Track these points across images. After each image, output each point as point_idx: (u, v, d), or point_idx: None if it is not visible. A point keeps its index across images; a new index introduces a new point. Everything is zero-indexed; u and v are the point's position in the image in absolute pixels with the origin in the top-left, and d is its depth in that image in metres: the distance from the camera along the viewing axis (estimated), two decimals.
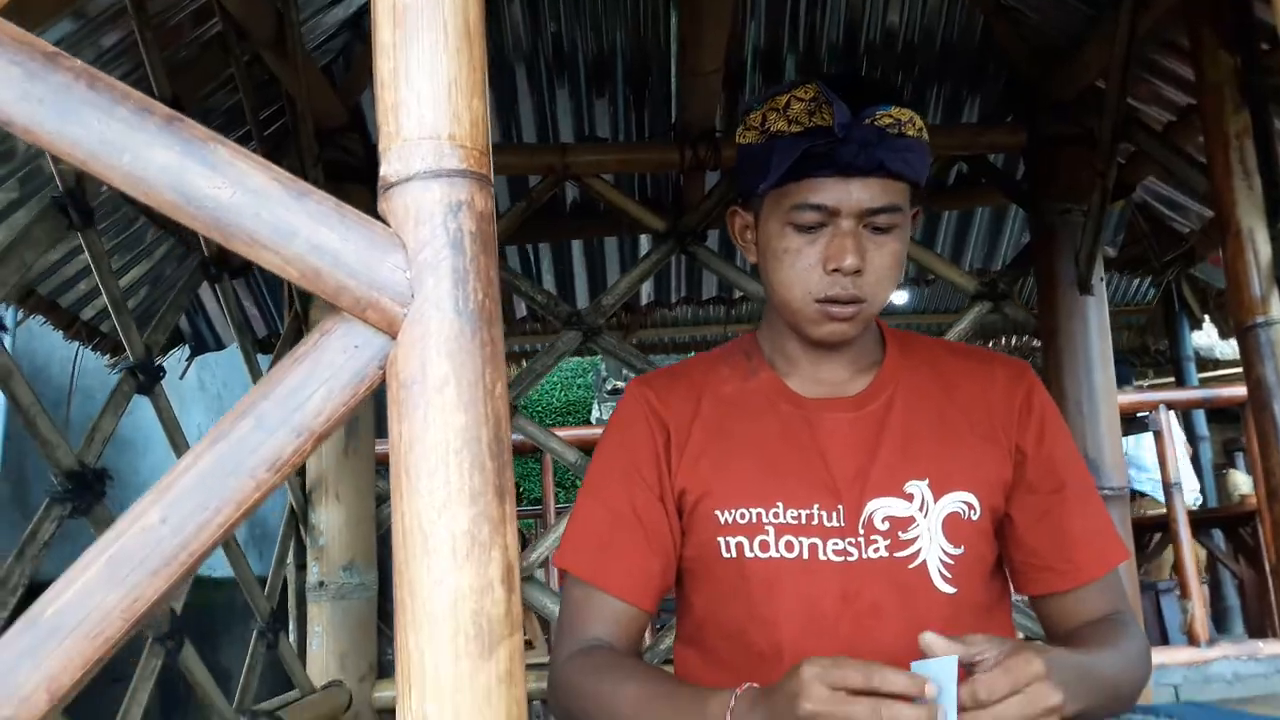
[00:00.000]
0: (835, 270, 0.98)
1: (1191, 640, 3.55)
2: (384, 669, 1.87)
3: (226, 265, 1.62)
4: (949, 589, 1.01)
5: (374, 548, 1.89)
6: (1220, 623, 4.84)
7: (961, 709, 0.77)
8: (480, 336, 0.51)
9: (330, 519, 1.82)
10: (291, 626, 1.85)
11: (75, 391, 2.63)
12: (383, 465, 1.96)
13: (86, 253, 1.16)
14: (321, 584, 1.81)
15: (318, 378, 0.50)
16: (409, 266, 0.51)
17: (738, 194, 1.12)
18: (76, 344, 2.09)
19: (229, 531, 0.49)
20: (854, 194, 0.98)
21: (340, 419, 0.50)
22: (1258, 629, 4.64)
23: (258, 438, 0.49)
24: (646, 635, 1.11)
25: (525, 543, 3.00)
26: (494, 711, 0.46)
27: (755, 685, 0.87)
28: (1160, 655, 3.53)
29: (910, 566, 1.01)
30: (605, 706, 0.95)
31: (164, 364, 1.38)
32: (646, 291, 3.26)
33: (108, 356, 2.29)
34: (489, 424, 0.50)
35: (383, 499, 1.93)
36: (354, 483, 1.86)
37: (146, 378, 1.27)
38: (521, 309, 3.21)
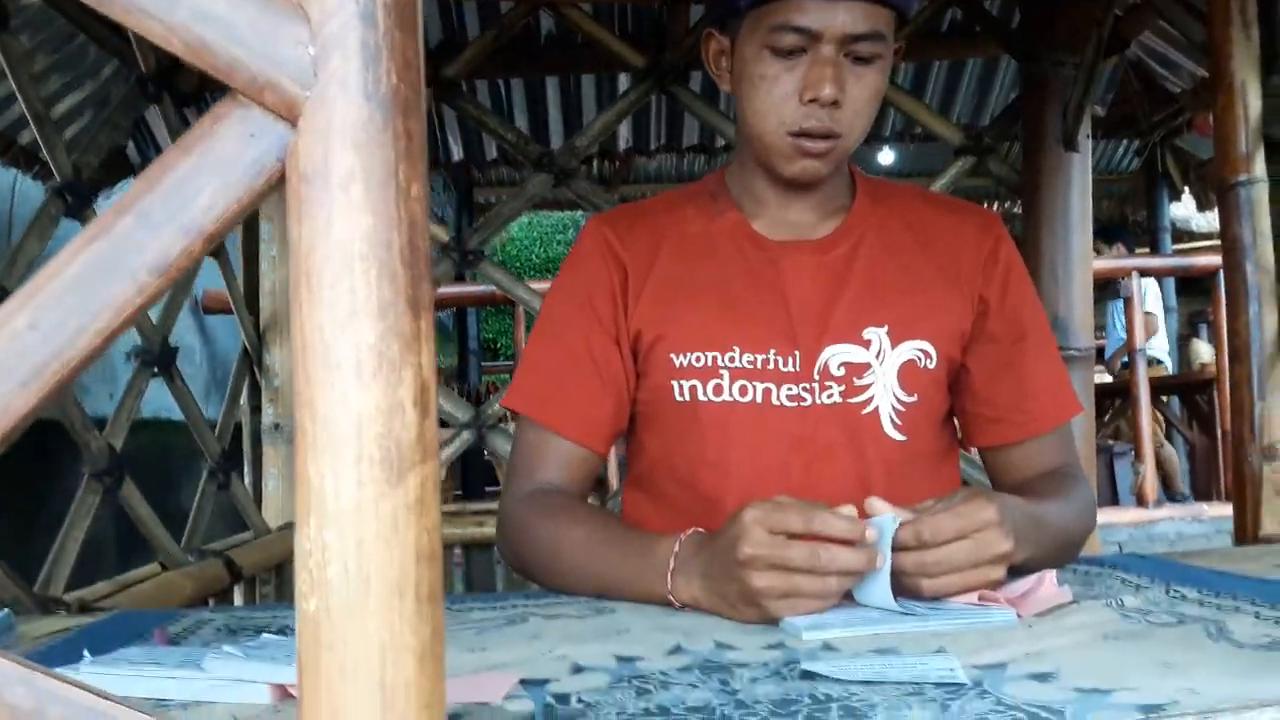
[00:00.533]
0: (812, 100, 0.92)
1: (1140, 501, 3.66)
2: None
3: (169, 85, 1.51)
4: (899, 436, 1.01)
5: None
6: (1169, 485, 5.00)
7: (906, 548, 0.75)
8: (394, 127, 0.45)
9: (285, 360, 1.77)
10: (247, 469, 1.83)
11: (13, 220, 2.53)
12: None
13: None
14: (277, 426, 1.78)
15: (209, 170, 0.44)
16: (312, 41, 0.44)
17: (715, 16, 1.04)
18: (14, 171, 1.99)
19: (108, 341, 0.44)
20: (838, 17, 0.91)
21: (234, 217, 0.44)
22: (1204, 493, 4.79)
23: (141, 236, 0.43)
24: (614, 481, 1.09)
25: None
26: (400, 541, 0.42)
27: (701, 530, 0.85)
28: (1109, 515, 3.64)
29: (863, 413, 1.00)
30: (553, 549, 0.94)
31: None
32: (625, 136, 3.15)
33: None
34: (401, 228, 0.44)
35: None
36: None
37: (76, 200, 1.19)
38: (492, 150, 3.10)
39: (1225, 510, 3.62)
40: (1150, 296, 5.29)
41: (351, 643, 0.42)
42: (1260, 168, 1.49)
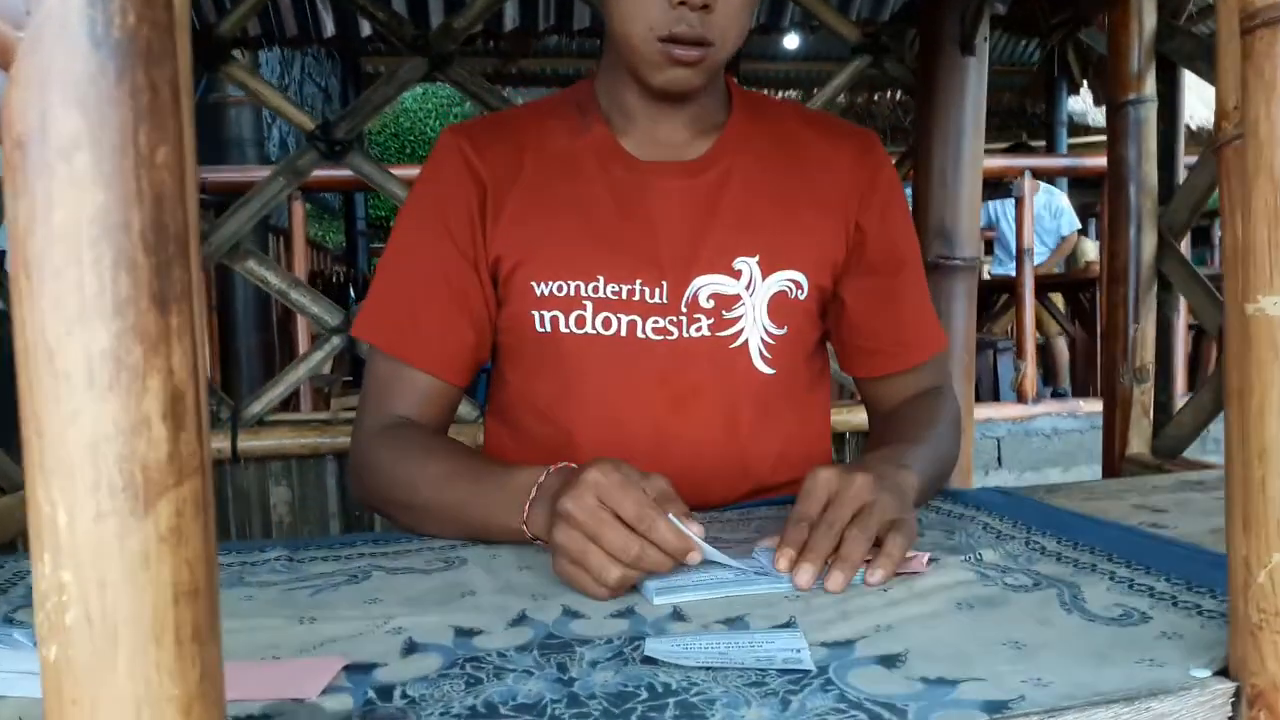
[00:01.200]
0: (682, 3, 0.84)
1: (1020, 397, 3.78)
2: None
3: None
4: (768, 370, 0.98)
5: None
6: (1047, 380, 5.19)
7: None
8: (132, 80, 0.37)
9: None
10: None
11: None
12: None
13: None
14: None
15: None
16: None
17: None
18: None
19: None
20: None
21: None
22: (1081, 388, 5.00)
23: None
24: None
25: None
26: (153, 579, 0.36)
27: (572, 466, 0.79)
28: (989, 410, 3.76)
29: (731, 346, 0.96)
30: (406, 486, 0.88)
31: None
32: (511, 17, 2.97)
33: None
34: (144, 204, 0.37)
35: None
36: None
37: None
38: (367, 27, 2.90)
39: (1099, 406, 3.78)
40: (1066, 218, 5.40)
41: (100, 698, 0.36)
42: (1151, 87, 1.47)
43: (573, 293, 0.93)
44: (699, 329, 0.95)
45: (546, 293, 0.94)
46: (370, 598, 0.71)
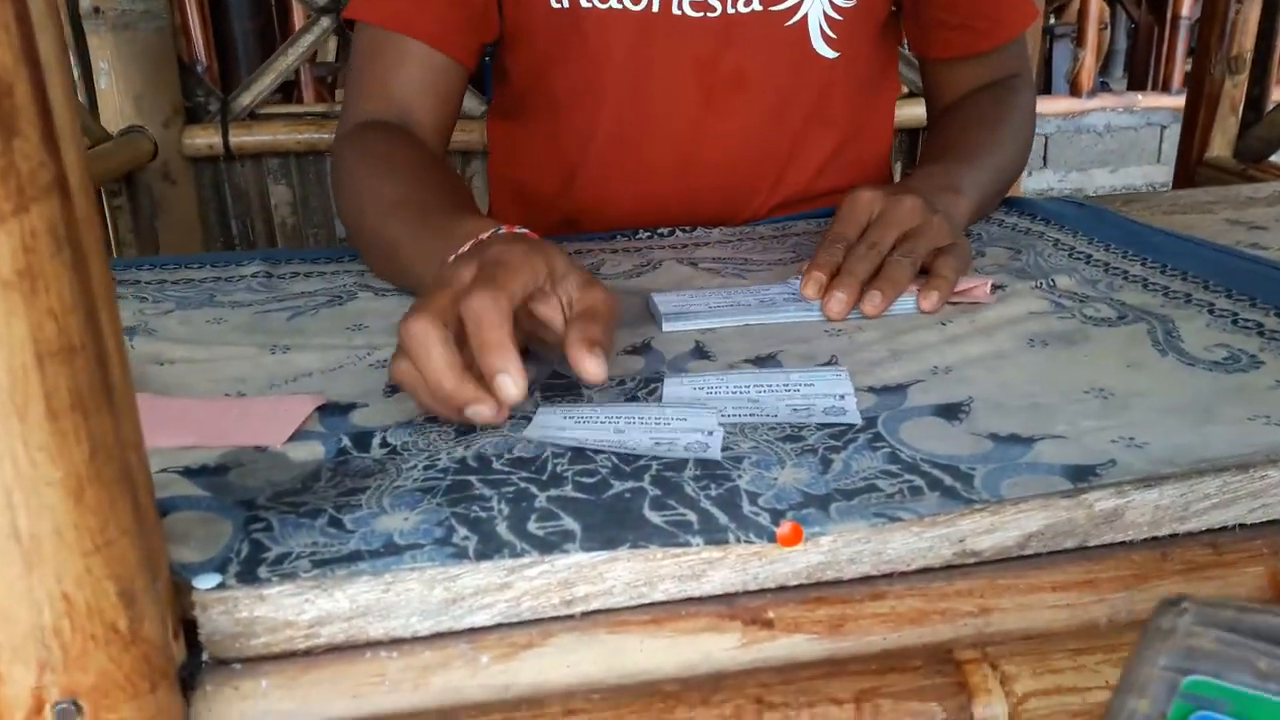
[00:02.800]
0: None
1: (1074, 89, 3.52)
2: (193, 113, 1.63)
3: None
4: (830, 52, 0.83)
5: None
6: (1103, 68, 4.84)
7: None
8: None
9: None
10: (73, 61, 1.56)
11: None
12: None
13: None
14: (96, 10, 1.49)
15: None
16: None
17: None
18: None
19: None
20: None
21: None
22: (1139, 80, 4.66)
23: None
24: None
25: None
26: (7, 336, 0.27)
27: (523, 231, 0.58)
28: (1039, 104, 3.51)
29: (787, 24, 0.81)
30: (358, 201, 0.73)
31: None
32: None
33: None
34: None
35: None
36: None
37: None
38: None
39: (1159, 101, 3.52)
40: None
41: None
42: None
43: None
44: (748, 3, 0.79)
45: None
46: (354, 323, 0.63)
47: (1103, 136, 3.45)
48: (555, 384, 0.53)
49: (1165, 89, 3.61)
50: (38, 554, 0.29)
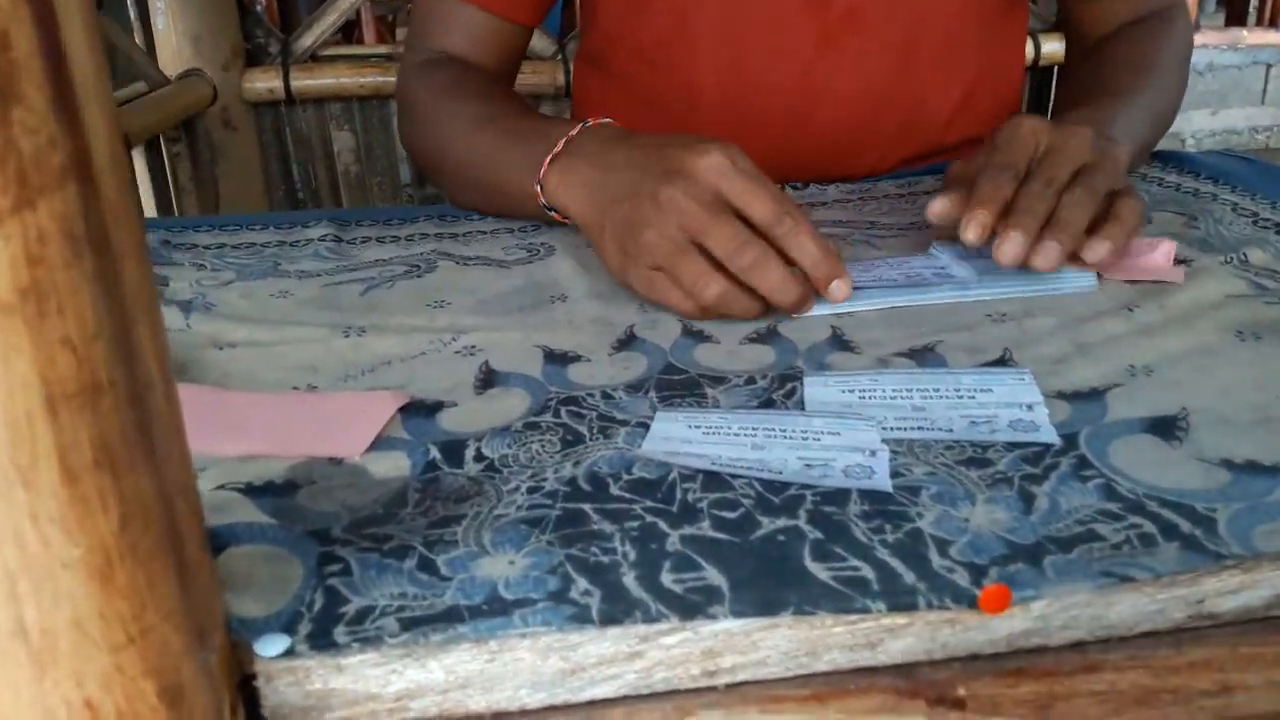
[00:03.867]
0: None
1: None
2: (253, 55, 1.56)
3: None
4: None
5: None
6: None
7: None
8: None
9: None
10: (130, 3, 1.49)
11: None
12: None
13: None
14: None
15: None
16: None
17: None
18: None
19: None
20: None
21: None
22: (1238, 15, 4.38)
23: None
24: None
25: None
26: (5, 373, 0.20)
27: (609, 123, 0.58)
28: None
29: None
30: (441, 125, 0.69)
31: None
32: None
33: None
34: None
35: None
36: None
37: None
38: None
39: (1265, 38, 3.29)
40: None
41: None
42: None
43: None
44: None
45: None
46: (435, 300, 0.56)
47: (1203, 75, 3.23)
48: (672, 380, 0.45)
49: (1273, 24, 3.38)
50: (51, 654, 0.22)
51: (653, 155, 0.51)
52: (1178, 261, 0.54)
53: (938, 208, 0.54)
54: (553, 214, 0.59)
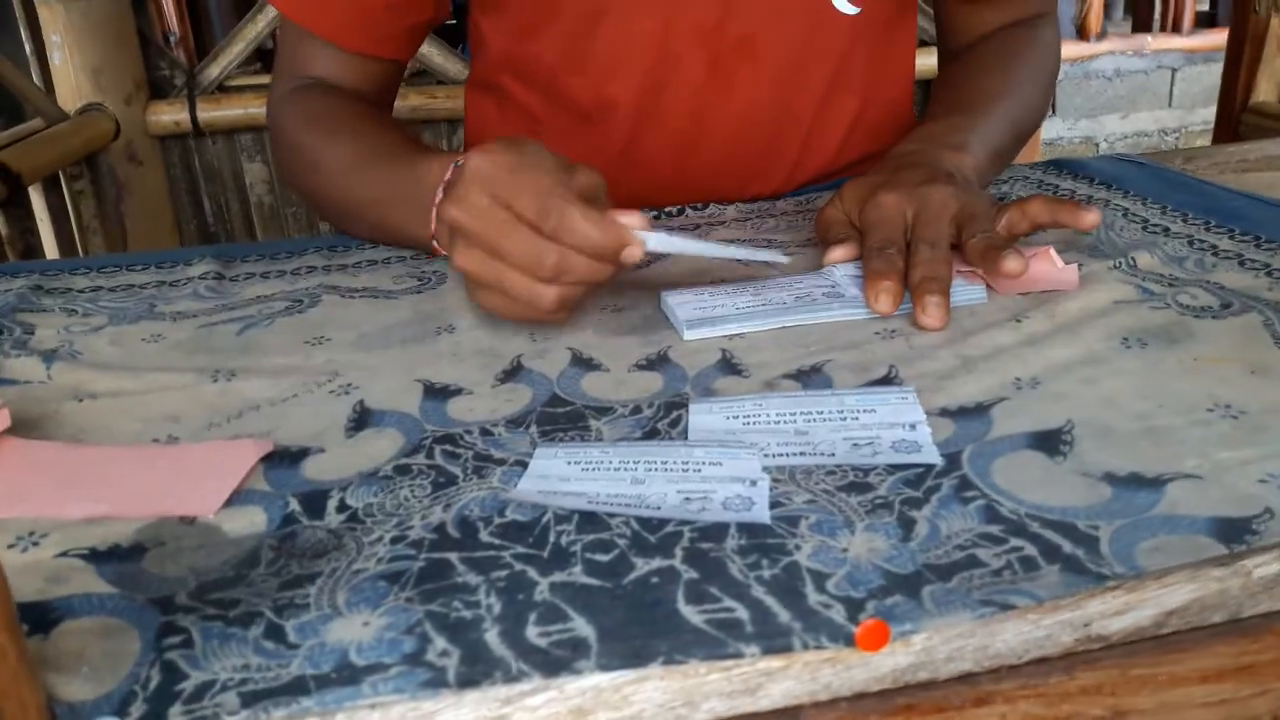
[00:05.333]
0: None
1: (1081, 34, 3.39)
2: (158, 88, 1.52)
3: None
4: (851, 8, 0.72)
5: None
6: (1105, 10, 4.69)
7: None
8: None
9: None
10: (25, 38, 1.45)
11: None
12: None
13: None
14: None
15: None
16: None
17: None
18: None
19: None
20: None
21: None
22: (1143, 22, 4.51)
23: None
24: None
25: None
26: None
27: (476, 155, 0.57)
28: None
29: None
30: (314, 161, 0.67)
31: None
32: None
33: None
34: None
35: None
36: None
37: None
38: None
39: (1169, 43, 3.39)
40: None
41: None
42: None
43: None
44: None
45: None
46: (315, 335, 0.53)
47: (1112, 81, 3.32)
48: (555, 414, 0.43)
49: (1176, 30, 3.48)
50: None
51: (455, 188, 0.49)
52: (1067, 262, 0.54)
53: (837, 255, 0.57)
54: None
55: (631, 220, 0.47)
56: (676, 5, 0.69)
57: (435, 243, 0.53)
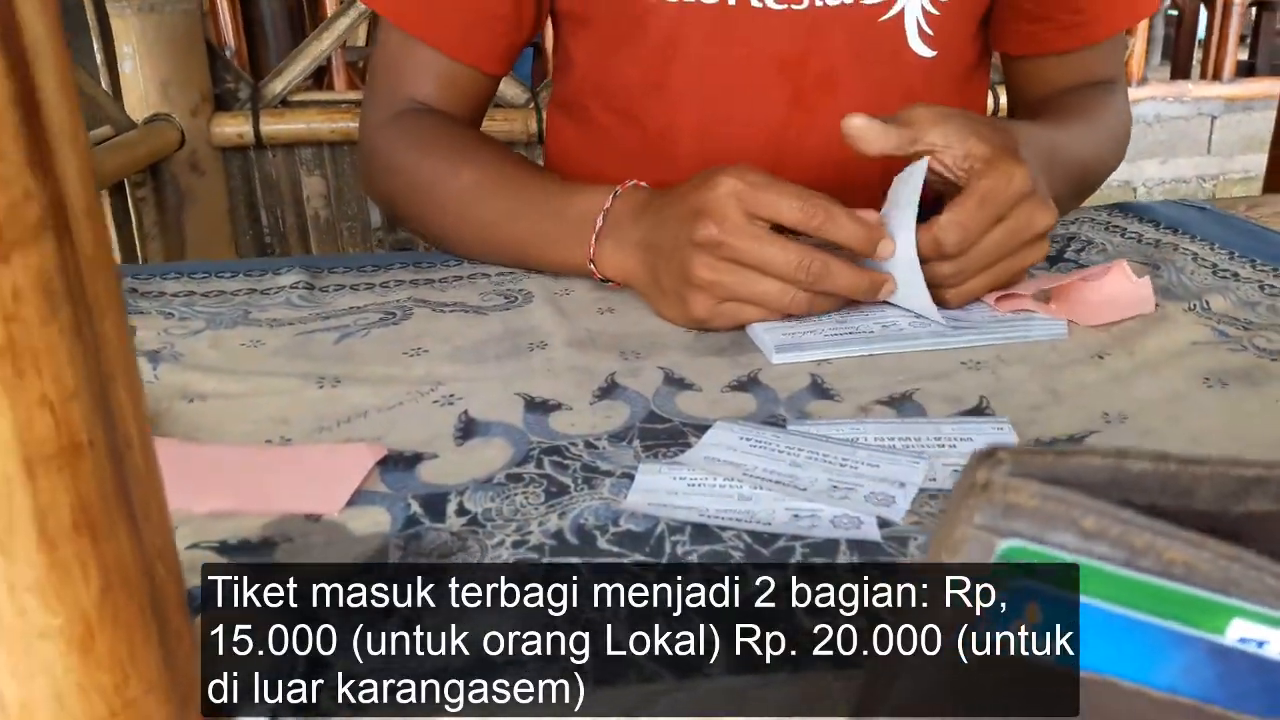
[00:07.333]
0: None
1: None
2: (223, 100, 1.56)
3: None
4: (928, 51, 0.74)
5: None
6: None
7: (924, 260, 0.53)
8: None
9: None
10: (96, 47, 1.49)
11: None
12: None
13: None
14: None
15: None
16: None
17: None
18: None
19: None
20: None
21: None
22: (1182, 68, 4.52)
23: None
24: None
25: None
26: None
27: (643, 185, 0.61)
28: None
29: (882, 19, 0.72)
30: (430, 192, 0.69)
31: None
32: None
33: None
34: None
35: None
36: None
37: None
38: None
39: (1210, 90, 3.39)
40: None
41: None
42: None
43: None
44: None
45: None
46: (411, 347, 0.55)
47: (1152, 126, 3.32)
48: (655, 429, 0.45)
49: (1216, 77, 3.49)
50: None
51: (678, 205, 0.56)
52: (1139, 275, 0.55)
53: (871, 134, 0.57)
54: (609, 284, 0.62)
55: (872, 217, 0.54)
56: (760, 33, 0.71)
57: (594, 267, 0.61)
